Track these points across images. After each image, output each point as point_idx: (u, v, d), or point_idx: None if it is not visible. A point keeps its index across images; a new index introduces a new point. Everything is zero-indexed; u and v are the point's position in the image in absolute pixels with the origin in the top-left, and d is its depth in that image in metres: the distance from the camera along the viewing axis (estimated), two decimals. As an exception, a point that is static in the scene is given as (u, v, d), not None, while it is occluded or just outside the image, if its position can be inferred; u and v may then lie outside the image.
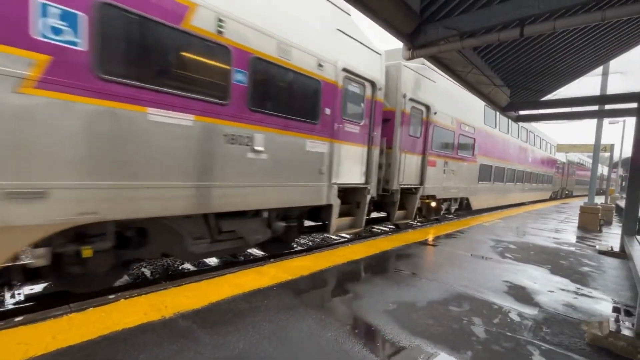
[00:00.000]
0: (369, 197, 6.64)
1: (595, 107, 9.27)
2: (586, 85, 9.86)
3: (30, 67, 2.69)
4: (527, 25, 4.12)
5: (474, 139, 11.49)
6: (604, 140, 11.73)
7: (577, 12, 4.51)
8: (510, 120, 13.03)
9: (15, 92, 2.63)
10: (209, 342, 2.37)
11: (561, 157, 26.48)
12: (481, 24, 4.10)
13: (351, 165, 6.20)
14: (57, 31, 2.80)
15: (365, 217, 6.69)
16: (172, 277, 5.19)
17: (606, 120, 16.86)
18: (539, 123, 18.54)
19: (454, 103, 9.96)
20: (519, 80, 7.65)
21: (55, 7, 2.78)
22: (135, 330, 2.46)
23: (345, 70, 5.77)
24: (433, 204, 9.55)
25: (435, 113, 8.80)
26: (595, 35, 5.80)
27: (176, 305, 2.92)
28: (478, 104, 11.36)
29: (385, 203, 8.02)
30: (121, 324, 2.54)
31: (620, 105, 7.92)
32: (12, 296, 4.06)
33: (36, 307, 3.74)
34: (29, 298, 4.09)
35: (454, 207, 11.11)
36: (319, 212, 6.09)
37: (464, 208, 12.10)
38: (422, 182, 8.62)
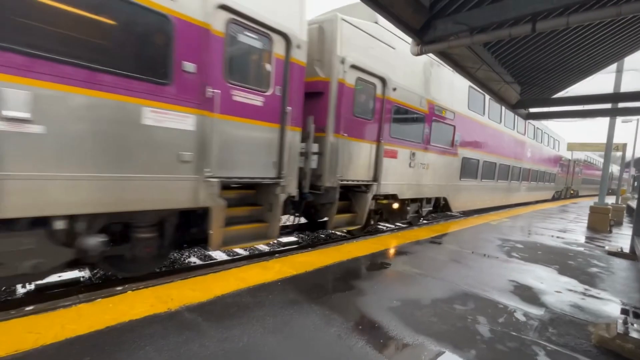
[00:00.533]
0: (283, 197, 4.88)
1: (608, 105, 9.07)
2: (599, 82, 9.52)
3: None
4: (539, 20, 4.02)
5: (454, 127, 9.38)
6: (616, 140, 11.10)
7: (591, 7, 4.38)
8: (504, 109, 11.60)
9: None
10: (214, 335, 2.39)
11: (566, 153, 24.13)
12: (492, 19, 4.01)
13: (250, 153, 4.46)
14: None
15: (279, 224, 5.01)
16: (178, 270, 5.25)
17: (619, 119, 16.47)
18: (549, 121, 17.05)
19: (424, 79, 7.95)
20: (530, 77, 7.51)
21: None
22: (142, 322, 2.50)
23: (225, 8, 3.94)
24: (395, 205, 7.63)
25: (394, 89, 6.80)
26: (610, 31, 5.65)
27: (182, 298, 2.95)
28: (461, 84, 9.38)
29: (321, 205, 6.21)
30: (128, 315, 2.58)
31: (635, 104, 7.73)
32: (23, 286, 4.15)
33: (46, 297, 3.82)
34: (39, 289, 4.19)
35: (426, 210, 9.00)
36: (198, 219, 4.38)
37: (442, 210, 10.15)
38: (375, 178, 6.70)
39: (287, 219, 8.27)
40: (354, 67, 5.83)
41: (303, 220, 7.56)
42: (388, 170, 7.01)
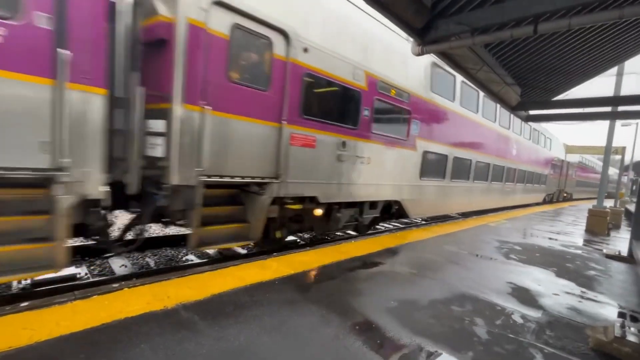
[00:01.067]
0: (67, 200, 3.12)
1: (608, 108, 9.07)
2: (599, 85, 9.47)
3: None
4: (541, 22, 4.01)
5: (409, 112, 7.34)
6: (615, 143, 10.83)
7: (594, 9, 4.36)
8: (482, 96, 10.18)
9: None
10: (210, 334, 2.38)
11: (559, 154, 22.52)
12: (494, 20, 4.00)
13: None
14: None
15: (65, 244, 3.21)
16: (176, 268, 5.24)
17: (618, 122, 16.44)
18: (549, 123, 15.95)
19: (362, 45, 5.94)
20: (530, 78, 7.50)
21: None
22: (138, 320, 2.48)
23: None
24: (317, 211, 5.77)
25: (305, 50, 4.92)
26: (612, 33, 5.64)
27: (179, 296, 2.94)
28: (420, 59, 7.10)
29: (179, 212, 4.24)
30: (124, 312, 2.56)
31: (635, 107, 7.73)
32: (19, 282, 4.13)
33: (42, 294, 3.80)
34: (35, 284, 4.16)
35: (368, 217, 6.98)
36: None
37: (396, 217, 8.22)
38: (278, 175, 4.85)
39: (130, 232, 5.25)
40: (222, 5, 3.99)
41: (151, 232, 5.86)
42: (301, 163, 5.18)
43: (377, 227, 8.91)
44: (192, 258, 5.89)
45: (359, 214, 6.75)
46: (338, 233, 7.94)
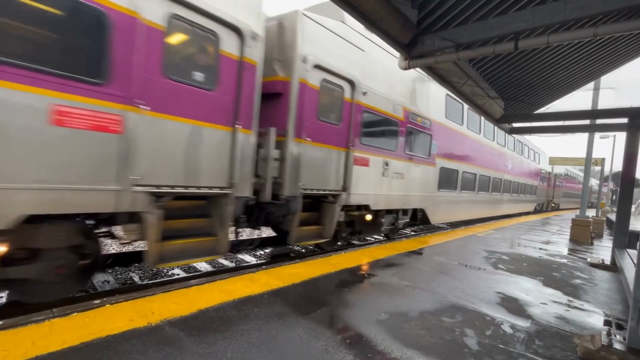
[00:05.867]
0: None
1: (587, 122, 9.43)
2: (578, 99, 9.90)
3: None
4: (521, 39, 4.18)
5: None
6: (595, 155, 11.65)
7: (570, 27, 4.59)
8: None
9: None
10: (196, 351, 2.30)
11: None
12: (477, 36, 4.15)
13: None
14: None
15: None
16: (161, 282, 5.08)
17: (597, 135, 17.16)
18: (531, 136, 17.51)
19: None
20: (513, 92, 7.76)
21: None
22: (120, 337, 2.38)
23: None
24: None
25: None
26: (588, 50, 5.91)
27: (164, 312, 2.84)
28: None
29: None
30: (105, 330, 2.46)
31: (612, 120, 8.06)
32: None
33: (17, 312, 3.62)
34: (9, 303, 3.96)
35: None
36: None
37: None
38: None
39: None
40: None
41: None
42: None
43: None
44: (179, 272, 5.74)
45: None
46: (303, 250, 7.99)
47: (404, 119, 7.92)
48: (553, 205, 28.17)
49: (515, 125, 9.69)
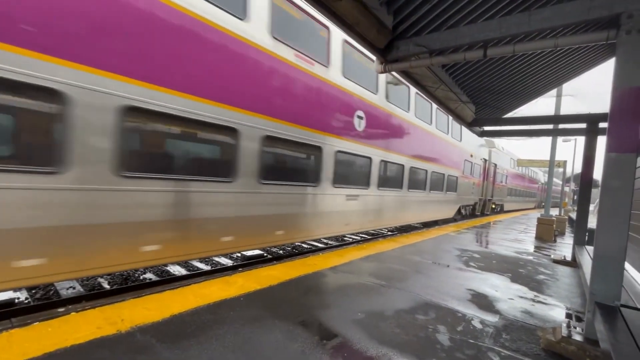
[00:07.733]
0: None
1: (551, 126, 10.03)
2: (543, 105, 10.53)
3: None
4: (490, 47, 4.39)
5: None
6: (558, 157, 13.40)
7: (534, 38, 4.88)
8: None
9: None
10: (169, 357, 2.23)
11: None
12: (449, 43, 4.32)
13: None
14: None
15: None
16: (132, 287, 4.89)
17: (560, 138, 18.40)
18: (501, 139, 18.53)
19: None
20: (483, 97, 8.12)
21: None
22: (86, 347, 2.28)
23: None
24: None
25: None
26: (551, 60, 6.30)
27: (134, 318, 2.74)
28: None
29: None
30: (70, 339, 2.34)
31: (572, 125, 8.61)
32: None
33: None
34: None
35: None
36: None
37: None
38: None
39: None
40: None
41: None
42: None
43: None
44: (151, 276, 5.54)
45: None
46: (305, 245, 8.02)
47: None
48: (493, 206, 21.07)
49: (486, 128, 10.16)
